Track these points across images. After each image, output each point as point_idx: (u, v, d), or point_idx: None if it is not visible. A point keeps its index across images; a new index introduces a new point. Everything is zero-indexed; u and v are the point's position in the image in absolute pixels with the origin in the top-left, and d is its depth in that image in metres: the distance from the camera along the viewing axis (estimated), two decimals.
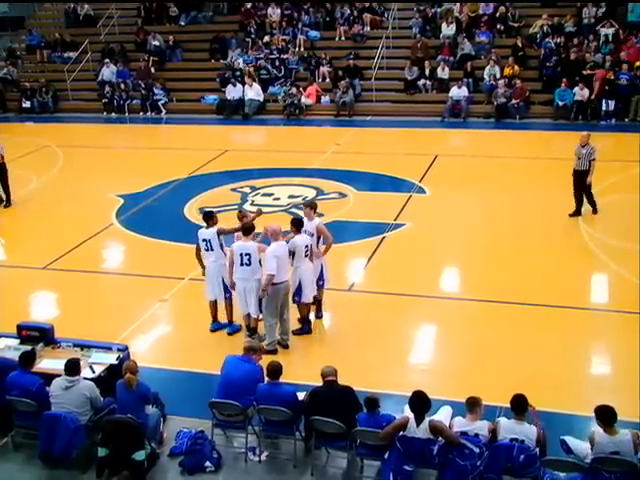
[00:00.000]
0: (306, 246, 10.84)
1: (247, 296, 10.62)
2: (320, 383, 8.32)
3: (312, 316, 11.44)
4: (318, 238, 11.25)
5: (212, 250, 10.99)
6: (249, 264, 10.49)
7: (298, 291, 10.91)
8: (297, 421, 8.34)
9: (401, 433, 7.58)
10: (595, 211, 15.03)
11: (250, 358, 8.68)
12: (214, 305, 11.28)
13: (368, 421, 7.85)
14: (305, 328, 11.21)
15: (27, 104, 27.38)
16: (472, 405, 7.63)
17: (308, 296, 11.00)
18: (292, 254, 10.72)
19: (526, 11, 26.30)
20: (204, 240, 11.02)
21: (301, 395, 8.47)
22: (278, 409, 8.17)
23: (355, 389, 8.26)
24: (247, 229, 10.69)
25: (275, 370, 8.33)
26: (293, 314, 11.08)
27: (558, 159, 18.97)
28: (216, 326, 11.26)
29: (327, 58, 26.23)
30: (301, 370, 9.58)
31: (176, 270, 13.29)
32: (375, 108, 25.09)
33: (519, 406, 7.59)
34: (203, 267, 11.21)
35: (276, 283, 10.26)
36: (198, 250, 11.17)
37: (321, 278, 11.32)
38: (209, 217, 11.16)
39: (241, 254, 10.50)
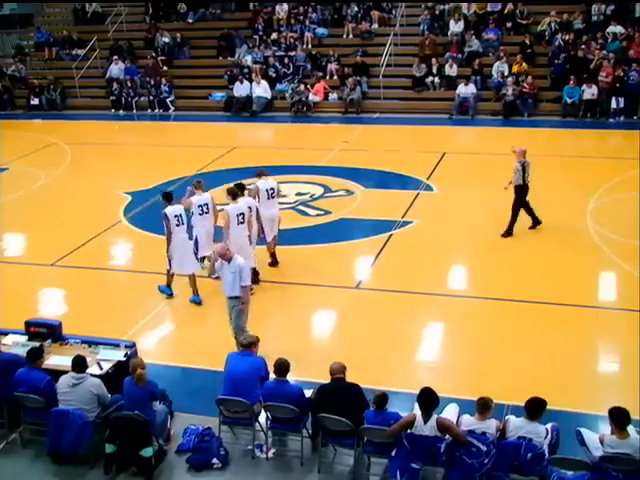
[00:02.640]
0: (241, 214, 11.84)
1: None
2: (327, 380, 8.33)
3: None
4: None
5: (183, 224, 11.92)
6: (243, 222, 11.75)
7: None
8: (304, 418, 8.34)
9: (408, 431, 7.58)
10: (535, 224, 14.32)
11: (251, 352, 8.70)
12: (194, 278, 12.05)
13: (375, 418, 7.84)
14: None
15: (35, 101, 27.45)
16: (483, 407, 7.59)
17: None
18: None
19: (534, 8, 26.18)
20: (176, 216, 11.83)
21: (308, 392, 8.47)
22: (285, 406, 8.17)
23: (362, 386, 8.24)
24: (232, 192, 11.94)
25: (282, 367, 8.33)
26: None
27: (566, 157, 18.96)
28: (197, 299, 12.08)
29: (335, 55, 26.19)
30: (308, 367, 9.57)
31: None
32: (383, 105, 25.06)
33: (535, 410, 7.53)
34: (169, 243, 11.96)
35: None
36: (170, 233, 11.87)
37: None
38: (170, 197, 12.15)
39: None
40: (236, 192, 12.02)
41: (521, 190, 13.90)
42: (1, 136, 23.04)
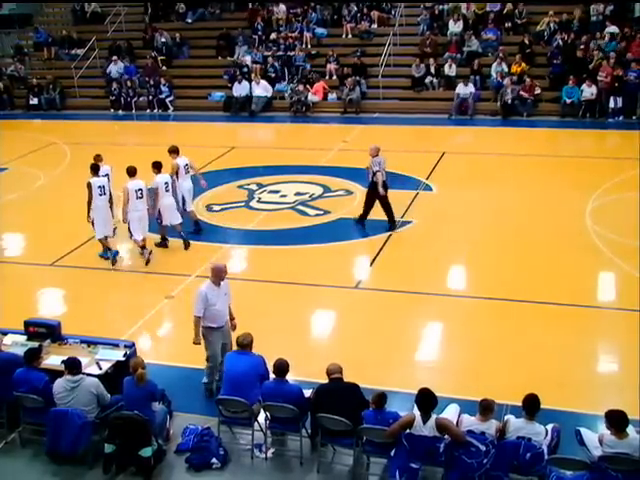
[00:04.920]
0: (165, 183, 13.80)
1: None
2: (326, 380, 8.33)
3: None
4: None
5: (105, 194, 13.56)
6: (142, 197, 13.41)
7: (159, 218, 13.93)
8: (303, 418, 8.35)
9: (407, 430, 7.58)
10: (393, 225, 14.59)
11: (249, 351, 8.69)
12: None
13: (374, 418, 7.85)
14: (163, 243, 14.29)
15: (34, 101, 27.44)
16: (485, 408, 7.60)
17: (169, 220, 13.95)
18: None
19: (533, 8, 26.19)
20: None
21: (307, 392, 8.47)
22: (284, 406, 8.17)
23: (361, 386, 8.25)
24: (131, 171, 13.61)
25: (282, 367, 8.33)
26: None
27: (565, 157, 18.97)
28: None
29: (334, 55, 26.18)
30: (307, 367, 9.57)
31: (183, 267, 13.36)
32: (382, 105, 25.06)
33: (531, 407, 7.54)
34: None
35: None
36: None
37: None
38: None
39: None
40: (134, 170, 13.62)
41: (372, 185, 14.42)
42: (0, 136, 23.03)
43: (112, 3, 30.65)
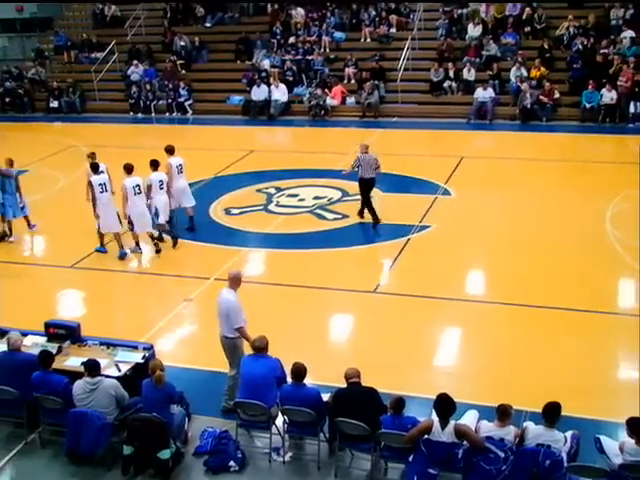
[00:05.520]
0: (160, 180, 14.17)
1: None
2: (344, 385, 8.33)
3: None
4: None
5: (107, 191, 14.05)
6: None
7: (156, 215, 14.28)
8: (321, 422, 8.35)
9: (426, 436, 7.56)
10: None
11: (265, 354, 8.70)
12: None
13: (392, 423, 7.83)
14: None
15: (55, 104, 27.63)
16: (502, 414, 7.56)
17: (163, 217, 14.30)
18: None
19: (553, 12, 26.09)
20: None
21: (325, 396, 8.47)
22: (302, 410, 8.17)
23: (379, 391, 8.24)
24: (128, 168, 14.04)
25: (299, 371, 8.33)
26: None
27: (585, 162, 18.86)
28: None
29: (352, 59, 26.21)
30: (325, 371, 9.57)
31: (201, 270, 13.42)
32: (400, 109, 25.04)
33: (552, 414, 7.49)
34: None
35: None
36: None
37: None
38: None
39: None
40: (132, 168, 14.02)
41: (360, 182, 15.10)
42: (21, 138, 23.21)
43: (132, 7, 30.85)
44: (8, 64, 30.48)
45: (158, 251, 14.25)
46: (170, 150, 15.01)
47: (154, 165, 14.35)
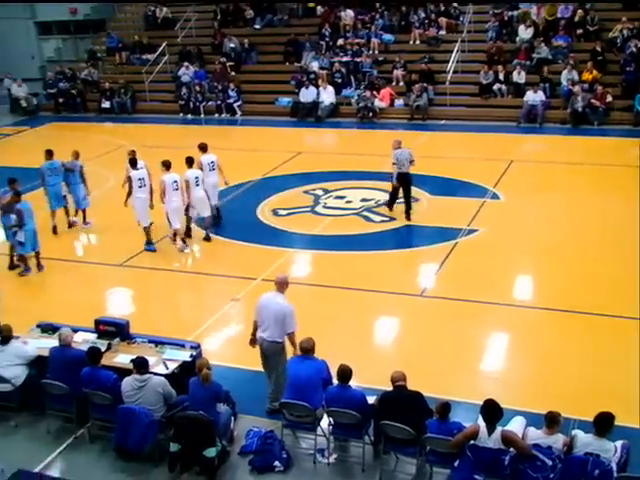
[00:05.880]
0: (196, 177, 14.51)
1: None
2: (389, 388, 8.32)
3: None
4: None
5: (145, 186, 14.67)
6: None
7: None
8: (366, 425, 8.34)
9: (472, 442, 7.51)
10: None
11: (312, 355, 8.73)
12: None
13: (438, 428, 7.80)
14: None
15: (106, 104, 28.05)
16: (551, 421, 7.47)
17: (200, 212, 14.77)
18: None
19: (606, 14, 25.68)
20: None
21: (371, 399, 8.47)
22: (347, 412, 8.18)
23: (424, 395, 8.20)
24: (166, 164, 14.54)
25: (345, 373, 8.35)
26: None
27: (637, 166, 18.48)
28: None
29: (401, 61, 26.13)
30: (370, 374, 9.56)
31: (249, 270, 13.49)
32: (449, 112, 24.88)
33: (603, 425, 7.36)
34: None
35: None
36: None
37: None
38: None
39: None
40: (170, 164, 14.48)
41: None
42: (74, 138, 23.60)
43: (183, 9, 31.20)
44: (62, 65, 31.01)
45: (183, 247, 14.68)
46: (203, 148, 15.40)
47: (189, 162, 14.72)
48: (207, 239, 15.03)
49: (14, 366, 9.43)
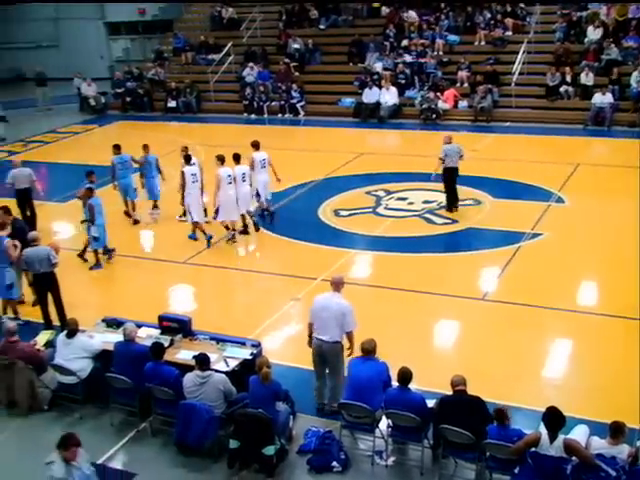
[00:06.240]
0: (243, 173, 14.98)
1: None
2: (449, 392, 8.26)
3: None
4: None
5: (197, 182, 15.10)
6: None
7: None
8: (426, 428, 8.30)
9: (533, 449, 7.40)
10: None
11: (373, 356, 8.72)
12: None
13: (498, 434, 7.71)
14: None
15: (172, 104, 28.47)
16: (616, 431, 7.33)
17: (244, 207, 15.22)
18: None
19: None
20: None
21: (430, 402, 8.43)
22: (407, 415, 8.16)
23: (484, 400, 8.12)
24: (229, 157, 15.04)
25: (405, 376, 8.33)
26: None
27: None
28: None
29: (466, 62, 25.90)
30: (430, 377, 9.51)
31: (310, 270, 13.54)
32: (514, 114, 24.54)
33: None
34: None
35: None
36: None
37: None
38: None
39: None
40: (224, 158, 14.87)
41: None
42: (140, 137, 24.01)
43: (248, 9, 31.48)
44: (129, 65, 31.65)
45: (233, 239, 15.15)
46: (255, 145, 15.76)
47: (236, 159, 15.15)
48: (256, 229, 15.58)
49: (80, 359, 9.65)
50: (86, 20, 35.82)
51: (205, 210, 15.47)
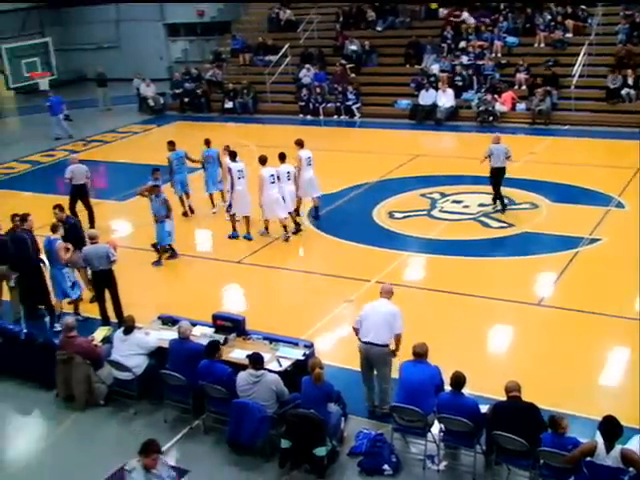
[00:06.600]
0: (287, 172, 15.38)
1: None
2: (502, 397, 8.16)
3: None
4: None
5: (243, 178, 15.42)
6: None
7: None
8: (478, 434, 8.22)
9: (588, 458, 7.26)
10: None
11: (425, 360, 8.67)
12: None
13: (553, 442, 7.60)
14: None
15: (229, 105, 28.71)
16: None
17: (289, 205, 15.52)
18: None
19: None
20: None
21: (483, 408, 8.35)
22: (460, 420, 8.09)
23: (539, 407, 8.01)
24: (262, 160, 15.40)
25: (459, 380, 8.27)
26: None
27: None
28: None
29: (524, 64, 25.56)
30: (483, 382, 9.41)
31: (363, 272, 13.52)
32: (573, 117, 24.10)
33: None
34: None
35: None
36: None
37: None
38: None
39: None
40: (266, 159, 15.30)
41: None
42: (197, 138, 24.24)
43: (306, 11, 31.59)
44: (188, 66, 32.01)
45: (286, 238, 15.33)
46: (300, 143, 16.12)
47: (282, 158, 15.57)
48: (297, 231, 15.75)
49: (136, 355, 9.81)
50: (146, 22, 36.36)
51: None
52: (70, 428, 9.73)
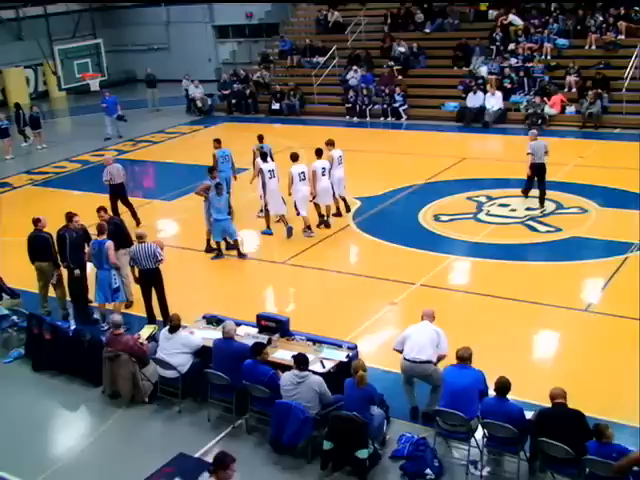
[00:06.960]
0: (323, 168, 15.57)
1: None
2: (547, 404, 8.06)
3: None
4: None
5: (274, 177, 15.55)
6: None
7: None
8: (523, 440, 8.13)
9: (637, 468, 7.13)
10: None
11: (469, 365, 8.61)
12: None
13: (598, 450, 7.47)
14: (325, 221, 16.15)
15: (276, 106, 28.87)
16: None
17: (321, 200, 15.83)
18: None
19: None
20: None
21: (528, 414, 8.25)
22: (504, 425, 8.00)
23: (585, 415, 7.89)
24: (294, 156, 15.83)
25: (504, 386, 8.19)
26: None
27: None
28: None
29: (575, 67, 25.20)
30: (527, 388, 9.30)
31: (408, 275, 13.48)
32: (625, 120, 23.69)
33: None
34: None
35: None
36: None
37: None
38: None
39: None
40: (297, 156, 15.75)
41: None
42: (243, 138, 24.45)
43: (354, 13, 31.60)
44: (236, 67, 32.28)
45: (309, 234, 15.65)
46: (331, 143, 16.29)
47: (318, 154, 15.80)
48: (327, 225, 16.08)
49: (180, 354, 9.91)
50: (195, 23, 36.79)
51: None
52: (115, 424, 9.86)
